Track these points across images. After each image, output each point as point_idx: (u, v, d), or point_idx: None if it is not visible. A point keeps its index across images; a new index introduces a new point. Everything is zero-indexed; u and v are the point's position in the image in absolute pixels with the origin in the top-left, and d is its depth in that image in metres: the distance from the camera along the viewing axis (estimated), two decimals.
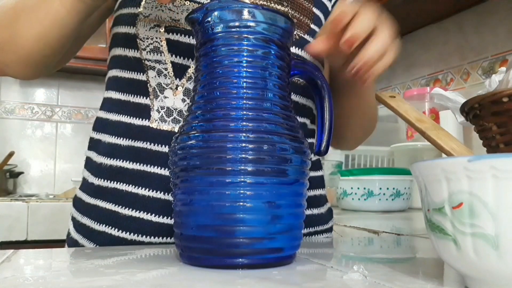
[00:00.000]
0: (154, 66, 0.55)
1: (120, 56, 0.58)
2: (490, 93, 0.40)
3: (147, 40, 0.55)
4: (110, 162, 0.56)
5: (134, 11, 0.57)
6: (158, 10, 0.55)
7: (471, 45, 1.46)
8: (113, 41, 0.61)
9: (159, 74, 0.55)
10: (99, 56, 1.99)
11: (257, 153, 0.37)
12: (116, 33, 0.60)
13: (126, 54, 0.57)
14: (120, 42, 0.59)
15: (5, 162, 2.00)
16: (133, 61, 0.57)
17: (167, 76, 0.55)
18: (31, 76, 0.62)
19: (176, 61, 0.55)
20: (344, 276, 0.34)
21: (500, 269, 0.27)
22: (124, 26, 0.58)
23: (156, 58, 0.55)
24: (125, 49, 0.58)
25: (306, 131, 0.63)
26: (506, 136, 0.41)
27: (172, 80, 0.55)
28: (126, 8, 0.58)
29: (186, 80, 0.55)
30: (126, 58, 0.58)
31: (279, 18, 0.40)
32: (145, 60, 0.56)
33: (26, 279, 0.33)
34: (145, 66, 0.56)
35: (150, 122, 0.55)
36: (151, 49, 0.55)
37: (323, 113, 0.45)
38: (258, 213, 0.37)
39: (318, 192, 0.65)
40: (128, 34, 0.57)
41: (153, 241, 0.54)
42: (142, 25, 0.56)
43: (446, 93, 0.51)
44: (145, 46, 0.55)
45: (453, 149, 0.41)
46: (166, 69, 0.55)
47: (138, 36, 0.56)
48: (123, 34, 0.58)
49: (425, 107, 1.46)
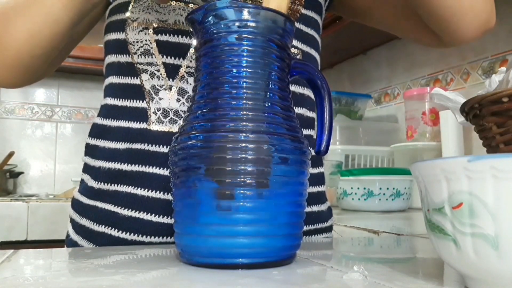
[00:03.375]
0: (147, 69, 0.55)
1: (114, 63, 0.59)
2: (490, 93, 0.40)
3: (137, 44, 0.56)
4: (108, 165, 0.56)
5: (123, 16, 0.57)
6: (145, 13, 0.55)
7: (471, 45, 1.46)
8: (106, 49, 0.61)
9: (152, 76, 0.55)
10: (99, 56, 1.97)
11: (257, 153, 0.37)
12: (107, 41, 0.60)
13: (119, 60, 0.58)
14: (112, 49, 0.59)
15: (5, 162, 2.00)
16: (126, 66, 0.57)
17: (160, 77, 0.55)
18: (17, 82, 0.60)
19: (168, 61, 0.55)
20: (344, 276, 0.34)
21: (500, 269, 0.27)
22: (114, 32, 0.58)
23: (148, 60, 0.55)
24: (117, 55, 0.58)
25: (304, 120, 0.62)
26: (506, 136, 0.41)
27: (165, 81, 0.55)
28: (115, 15, 0.59)
29: (179, 80, 0.55)
30: (119, 64, 0.58)
31: (279, 18, 0.40)
32: (137, 63, 0.56)
33: (26, 279, 0.33)
34: (138, 70, 0.56)
35: (148, 124, 0.55)
36: (142, 52, 0.55)
37: (323, 113, 0.45)
38: (258, 213, 0.37)
39: (318, 188, 0.65)
40: (119, 40, 0.57)
41: (153, 241, 0.54)
42: (131, 30, 0.56)
43: (446, 93, 0.51)
44: (136, 49, 0.56)
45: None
46: (159, 71, 0.55)
47: (128, 41, 0.56)
48: (114, 40, 0.58)
49: (425, 107, 1.46)
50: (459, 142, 1.33)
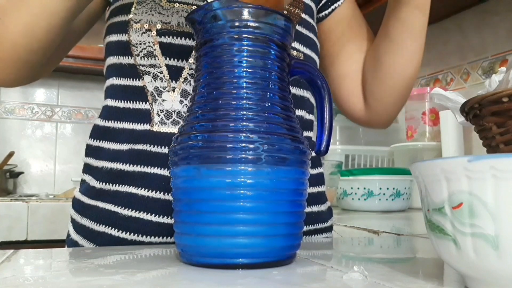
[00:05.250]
0: (149, 71, 0.55)
1: (115, 64, 0.59)
2: (490, 93, 0.40)
3: (140, 46, 0.55)
4: (110, 165, 0.56)
5: (125, 18, 0.57)
6: (148, 15, 0.55)
7: (471, 45, 1.46)
8: (107, 51, 0.61)
9: (155, 78, 0.55)
10: (99, 56, 1.99)
11: (257, 153, 0.37)
12: (109, 42, 0.60)
13: (121, 62, 0.57)
14: (114, 51, 0.59)
15: (5, 162, 2.00)
16: (128, 68, 0.57)
17: (163, 79, 0.55)
18: (14, 78, 0.57)
19: (170, 63, 0.55)
20: (344, 276, 0.34)
21: (500, 269, 0.27)
22: (116, 34, 0.58)
23: (151, 62, 0.55)
24: (119, 57, 0.58)
25: (303, 122, 0.63)
26: (506, 136, 0.41)
27: (168, 83, 0.55)
28: (117, 16, 0.58)
29: (182, 82, 0.55)
30: (121, 66, 0.58)
31: (279, 18, 0.40)
32: (139, 65, 0.56)
33: (26, 279, 0.33)
34: (141, 71, 0.56)
35: (151, 126, 0.55)
36: (145, 54, 0.55)
37: (323, 113, 0.45)
38: (258, 213, 0.37)
39: (317, 189, 0.65)
40: (121, 41, 0.57)
41: (153, 241, 0.54)
42: (133, 31, 0.56)
43: (446, 93, 0.51)
44: (139, 51, 0.55)
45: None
46: (162, 73, 0.55)
47: (131, 43, 0.56)
48: (115, 42, 0.58)
49: (425, 107, 1.46)
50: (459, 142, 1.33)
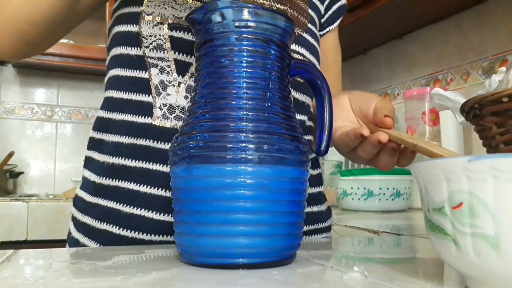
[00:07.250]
0: (157, 64, 0.55)
1: (122, 55, 0.58)
2: (490, 93, 0.40)
3: (150, 38, 0.55)
4: (112, 160, 0.56)
5: (137, 9, 0.57)
6: (161, 8, 0.56)
7: (471, 45, 1.46)
8: (113, 41, 0.61)
9: (162, 71, 0.55)
10: (99, 56, 1.99)
11: (257, 153, 0.37)
12: (117, 32, 0.60)
13: (128, 53, 0.57)
14: (122, 41, 0.58)
15: (5, 162, 2.00)
16: (135, 59, 0.57)
17: (170, 73, 0.55)
18: (6, 51, 0.56)
19: (179, 58, 0.55)
20: (344, 276, 0.34)
21: (500, 269, 0.27)
22: (126, 24, 0.58)
23: (159, 55, 0.55)
24: (127, 48, 0.57)
25: (304, 127, 0.63)
26: (506, 136, 0.40)
27: (175, 78, 0.55)
28: (127, 7, 0.58)
29: (188, 77, 0.55)
30: (128, 57, 0.57)
31: (279, 18, 0.40)
32: (147, 57, 0.56)
33: (26, 279, 0.33)
34: (148, 63, 0.56)
35: (153, 119, 0.55)
36: (154, 47, 0.55)
37: (323, 113, 0.45)
38: (258, 213, 0.37)
39: (317, 189, 0.66)
40: (130, 32, 0.57)
41: (153, 239, 0.54)
42: (145, 23, 0.56)
43: (446, 93, 0.51)
44: (148, 43, 0.56)
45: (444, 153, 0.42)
46: (169, 66, 0.55)
47: (141, 34, 0.56)
48: (124, 32, 0.58)
49: (425, 107, 1.46)
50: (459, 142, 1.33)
